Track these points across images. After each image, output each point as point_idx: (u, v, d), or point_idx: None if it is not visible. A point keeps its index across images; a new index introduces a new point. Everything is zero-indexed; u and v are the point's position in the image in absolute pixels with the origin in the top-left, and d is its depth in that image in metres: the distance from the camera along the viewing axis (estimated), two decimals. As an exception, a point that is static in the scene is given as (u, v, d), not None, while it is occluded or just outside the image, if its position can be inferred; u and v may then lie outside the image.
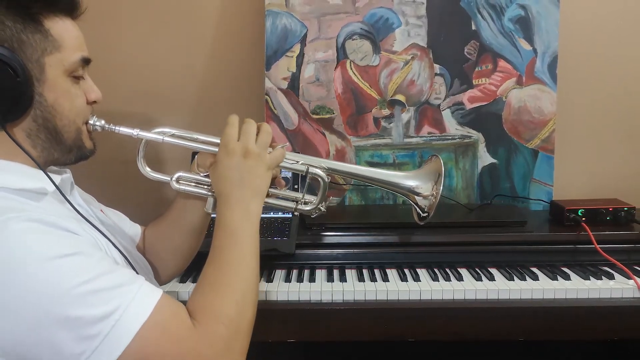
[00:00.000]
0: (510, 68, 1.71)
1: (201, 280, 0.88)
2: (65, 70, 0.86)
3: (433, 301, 1.29)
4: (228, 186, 0.94)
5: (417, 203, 1.13)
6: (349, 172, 1.12)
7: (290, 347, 0.85)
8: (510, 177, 1.75)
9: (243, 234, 0.92)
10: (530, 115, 1.72)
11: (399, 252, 1.45)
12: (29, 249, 0.73)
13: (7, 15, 0.80)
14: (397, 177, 1.13)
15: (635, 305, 1.28)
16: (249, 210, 0.94)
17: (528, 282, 1.33)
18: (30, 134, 0.85)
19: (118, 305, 0.75)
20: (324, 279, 1.36)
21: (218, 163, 0.96)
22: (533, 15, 1.69)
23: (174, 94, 1.83)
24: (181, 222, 1.14)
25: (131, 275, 0.81)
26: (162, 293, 0.81)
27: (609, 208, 1.53)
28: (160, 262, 1.18)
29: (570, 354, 1.78)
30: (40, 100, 0.84)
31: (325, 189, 1.07)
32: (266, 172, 0.97)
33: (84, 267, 0.76)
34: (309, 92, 1.74)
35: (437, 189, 1.10)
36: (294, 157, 1.07)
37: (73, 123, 0.88)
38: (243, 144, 0.95)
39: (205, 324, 0.81)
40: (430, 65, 1.73)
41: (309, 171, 1.06)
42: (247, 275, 0.89)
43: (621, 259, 1.36)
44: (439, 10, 1.70)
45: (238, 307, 0.84)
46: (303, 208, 1.09)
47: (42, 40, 0.83)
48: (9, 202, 0.79)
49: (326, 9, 1.70)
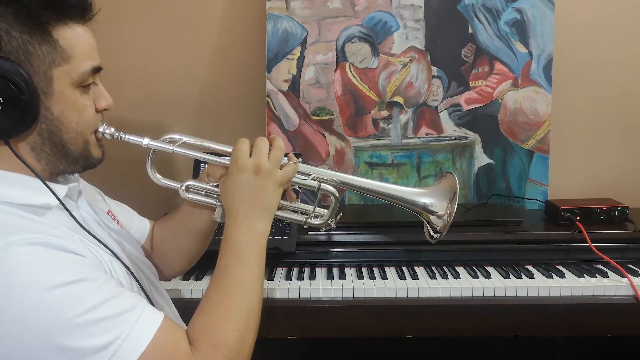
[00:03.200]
0: (506, 70, 1.73)
1: (203, 303, 0.86)
2: (74, 82, 0.82)
3: (431, 299, 1.31)
4: (237, 202, 0.92)
5: (430, 222, 1.06)
6: (362, 186, 1.06)
7: (291, 344, 0.86)
8: (506, 177, 1.77)
9: (248, 254, 0.89)
10: (526, 117, 1.73)
11: (397, 250, 1.47)
12: (31, 277, 0.71)
13: (15, 26, 0.76)
14: (410, 194, 1.06)
15: (628, 302, 1.29)
16: (256, 230, 0.91)
17: (524, 280, 1.34)
18: (35, 148, 0.82)
19: (118, 335, 0.73)
20: (324, 277, 1.37)
21: (228, 178, 0.93)
22: (528, 18, 1.70)
23: (178, 96, 1.84)
24: (189, 225, 1.13)
25: (133, 300, 0.79)
26: (162, 318, 0.79)
27: (602, 207, 1.55)
28: (166, 260, 1.18)
29: (565, 350, 1.79)
30: (47, 114, 0.80)
31: (336, 205, 1.05)
32: (277, 189, 0.95)
33: (86, 295, 0.74)
34: (309, 94, 1.75)
35: (451, 207, 1.04)
36: (306, 169, 1.02)
37: (80, 135, 0.85)
38: (255, 160, 0.92)
39: (204, 352, 0.80)
40: (428, 68, 1.74)
41: (321, 187, 1.02)
42: (250, 298, 0.87)
43: (615, 257, 1.37)
44: (436, 13, 1.72)
45: (239, 334, 0.83)
46: (313, 222, 1.06)
47: (50, 52, 0.79)
48: (12, 219, 0.77)
49: (326, 13, 1.72)
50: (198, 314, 0.85)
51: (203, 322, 0.83)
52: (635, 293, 1.29)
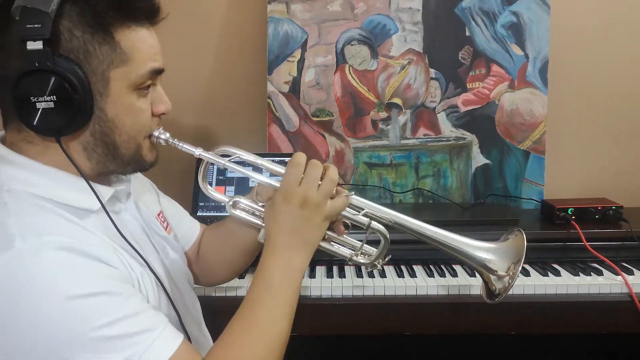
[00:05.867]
0: (503, 72, 1.74)
1: (225, 334, 0.82)
2: (131, 84, 0.80)
3: (429, 296, 1.32)
4: (278, 231, 0.87)
5: (488, 281, 0.96)
6: (417, 230, 0.96)
7: (292, 341, 0.88)
8: (502, 177, 1.78)
9: (280, 288, 0.84)
10: (522, 118, 1.75)
11: (395, 249, 1.42)
12: (53, 283, 0.69)
13: (78, 24, 0.75)
14: (470, 247, 0.97)
15: (622, 300, 1.31)
16: (293, 264, 0.86)
17: (520, 278, 1.35)
18: (87, 147, 0.81)
19: (131, 354, 0.71)
20: (324, 275, 1.39)
21: (274, 204, 0.88)
22: (525, 21, 1.72)
23: (181, 97, 1.82)
24: (235, 240, 1.09)
25: (154, 319, 0.77)
26: (181, 341, 0.77)
27: (597, 207, 1.56)
28: (209, 270, 1.15)
29: (560, 347, 1.80)
30: (101, 115, 0.79)
31: (386, 247, 0.96)
32: (322, 222, 0.89)
33: (105, 310, 0.71)
34: (310, 96, 1.77)
35: (514, 269, 0.94)
36: (359, 203, 0.94)
37: (133, 139, 0.83)
38: (303, 191, 0.86)
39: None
40: (426, 70, 1.76)
41: (371, 226, 0.93)
42: (274, 339, 0.82)
43: (609, 256, 1.39)
44: (434, 16, 1.73)
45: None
46: (358, 260, 0.98)
47: (110, 53, 0.77)
48: (50, 218, 0.76)
49: (326, 16, 1.73)
50: (218, 343, 0.82)
51: (221, 353, 0.80)
52: (629, 291, 1.30)
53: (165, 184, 1.16)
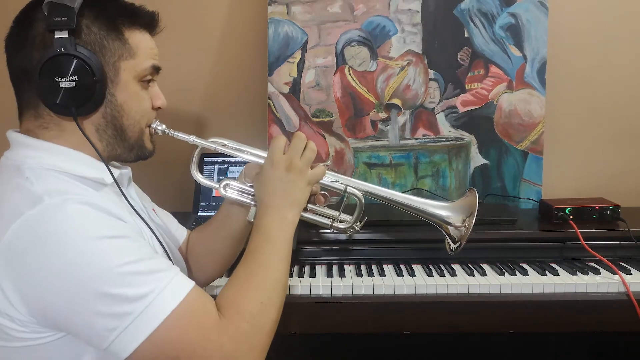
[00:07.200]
0: (501, 73, 1.75)
1: (232, 278, 0.92)
2: (137, 75, 0.93)
3: (428, 295, 1.32)
4: (269, 195, 0.99)
5: (447, 232, 1.13)
6: (385, 196, 1.12)
7: (292, 339, 0.88)
8: (501, 177, 1.79)
9: (277, 238, 0.96)
10: (520, 119, 1.76)
11: (395, 248, 1.48)
12: (81, 228, 0.78)
13: (95, 23, 0.88)
14: (431, 206, 1.13)
15: (619, 299, 1.31)
16: (286, 218, 0.99)
17: (518, 277, 1.36)
18: (99, 129, 0.92)
19: (153, 289, 0.79)
20: (324, 274, 1.39)
21: (262, 173, 1.01)
22: (523, 23, 1.73)
23: (182, 98, 1.85)
24: (223, 228, 1.18)
25: (168, 264, 0.86)
26: (194, 284, 0.85)
27: (595, 206, 1.56)
28: (199, 265, 1.22)
29: (558, 345, 1.81)
30: (112, 99, 0.91)
31: (361, 209, 1.09)
32: (306, 186, 1.02)
33: (127, 250, 0.81)
34: (310, 97, 1.78)
35: (469, 221, 1.10)
36: (334, 176, 1.10)
37: (137, 123, 0.95)
38: (288, 158, 1.00)
39: (229, 318, 0.85)
40: (425, 71, 1.77)
41: (347, 191, 1.09)
42: (275, 277, 0.93)
43: (607, 255, 1.39)
44: (433, 18, 1.74)
45: (262, 306, 0.88)
46: (338, 226, 1.11)
47: (120, 47, 0.91)
48: (70, 186, 0.85)
49: (326, 17, 1.74)
50: (226, 287, 0.91)
51: (231, 294, 0.89)
52: (626, 290, 1.30)
53: (165, 184, 1.19)
